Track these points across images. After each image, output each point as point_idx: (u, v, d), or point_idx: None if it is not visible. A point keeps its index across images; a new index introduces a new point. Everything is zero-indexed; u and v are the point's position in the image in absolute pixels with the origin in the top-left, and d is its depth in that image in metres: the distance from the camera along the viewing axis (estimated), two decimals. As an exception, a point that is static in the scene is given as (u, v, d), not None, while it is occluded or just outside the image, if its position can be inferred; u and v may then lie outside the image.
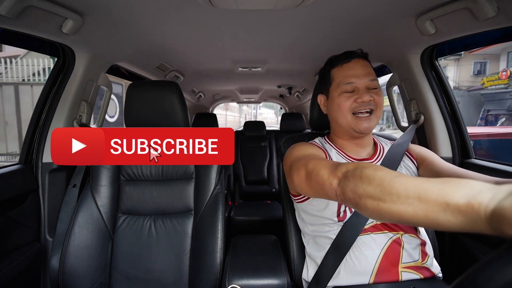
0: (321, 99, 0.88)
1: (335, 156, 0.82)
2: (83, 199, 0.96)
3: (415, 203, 0.38)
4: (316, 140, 0.91)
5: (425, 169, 0.78)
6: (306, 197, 0.81)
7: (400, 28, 1.01)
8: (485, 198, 0.31)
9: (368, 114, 0.76)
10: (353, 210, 0.74)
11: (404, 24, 0.97)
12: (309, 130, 2.44)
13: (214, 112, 3.69)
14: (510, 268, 0.25)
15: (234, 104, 14.87)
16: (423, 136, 1.22)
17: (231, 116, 15.44)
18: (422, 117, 1.17)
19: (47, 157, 1.09)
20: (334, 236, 0.74)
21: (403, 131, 1.22)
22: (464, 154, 1.13)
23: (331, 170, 0.56)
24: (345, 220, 0.74)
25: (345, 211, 0.75)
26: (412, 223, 0.40)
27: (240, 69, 1.87)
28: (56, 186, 1.10)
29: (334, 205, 0.75)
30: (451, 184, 0.36)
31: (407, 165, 0.81)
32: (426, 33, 0.94)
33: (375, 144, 0.86)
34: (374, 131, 0.86)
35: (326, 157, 0.80)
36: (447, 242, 1.05)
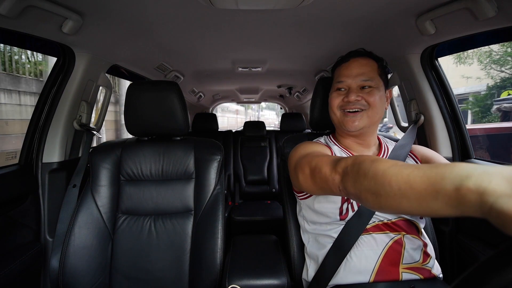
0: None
1: (340, 154, 0.82)
2: (83, 199, 0.96)
3: (408, 194, 0.38)
4: (321, 139, 0.91)
5: None
6: (310, 194, 0.81)
7: (400, 28, 1.01)
8: (471, 184, 0.31)
9: (356, 112, 0.77)
10: (355, 209, 0.74)
11: (404, 24, 0.97)
12: (309, 130, 2.44)
13: (227, 115, 3.71)
14: (510, 269, 0.25)
15: (242, 109, 17.64)
16: (423, 136, 1.22)
17: (239, 118, 17.48)
18: (422, 117, 1.17)
19: (47, 157, 1.08)
20: (335, 235, 0.74)
21: (403, 131, 1.22)
22: (464, 154, 1.13)
23: (332, 166, 0.57)
24: (347, 219, 0.74)
25: (347, 209, 0.75)
26: (411, 213, 0.40)
27: (240, 69, 1.87)
28: (56, 186, 1.09)
29: (336, 203, 0.75)
30: (440, 171, 0.36)
31: None
32: (426, 33, 0.94)
33: (380, 144, 0.86)
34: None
35: (332, 154, 0.80)
36: (447, 242, 1.05)
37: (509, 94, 6.88)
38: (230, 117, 15.30)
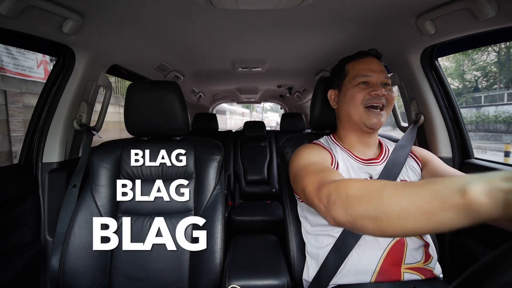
0: (331, 94, 0.88)
1: (342, 156, 0.81)
2: (83, 199, 0.96)
3: (412, 212, 0.37)
4: (322, 140, 0.89)
5: (427, 172, 0.79)
6: None
7: (400, 28, 1.01)
8: (475, 187, 0.32)
9: (379, 110, 0.77)
10: None
11: (404, 24, 0.97)
12: (309, 130, 2.44)
13: (234, 117, 3.72)
14: (510, 268, 0.25)
15: (248, 111, 20.81)
16: (423, 136, 1.22)
17: (245, 119, 20.02)
18: (422, 117, 1.17)
19: (47, 157, 1.08)
20: (337, 235, 0.74)
21: (403, 131, 1.22)
22: (464, 154, 1.13)
23: (317, 194, 0.54)
24: None
25: None
26: (418, 233, 0.39)
27: (240, 69, 1.87)
28: (56, 186, 1.09)
29: None
30: (440, 181, 0.36)
31: (411, 165, 0.81)
32: (426, 33, 0.94)
33: (380, 144, 0.86)
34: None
35: (332, 160, 0.78)
36: (447, 242, 1.05)
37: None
38: (237, 118, 19.14)
